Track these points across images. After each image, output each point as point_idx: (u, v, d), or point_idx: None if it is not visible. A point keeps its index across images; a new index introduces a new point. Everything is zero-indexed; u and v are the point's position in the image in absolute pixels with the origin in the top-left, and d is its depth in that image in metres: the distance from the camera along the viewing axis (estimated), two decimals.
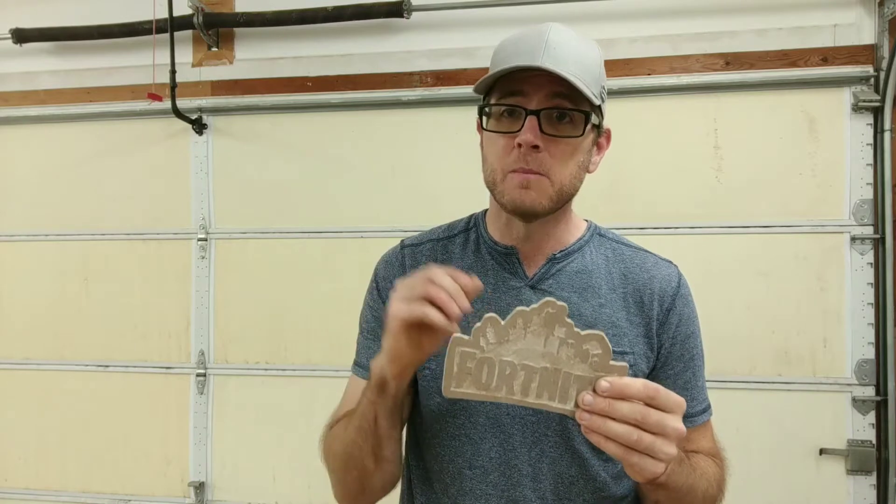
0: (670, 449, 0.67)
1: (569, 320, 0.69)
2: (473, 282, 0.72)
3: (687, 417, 0.89)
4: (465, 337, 0.70)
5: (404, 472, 0.98)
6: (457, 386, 0.71)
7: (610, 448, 0.67)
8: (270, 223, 2.24)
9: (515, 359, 0.70)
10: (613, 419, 0.66)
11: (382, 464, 0.87)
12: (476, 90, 0.88)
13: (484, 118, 0.88)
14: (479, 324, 0.70)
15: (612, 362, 0.68)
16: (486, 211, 1.00)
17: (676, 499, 0.79)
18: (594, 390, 0.68)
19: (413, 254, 0.99)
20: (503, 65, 0.82)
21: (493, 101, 0.87)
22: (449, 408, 0.90)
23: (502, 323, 0.70)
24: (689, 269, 0.98)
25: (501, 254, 0.94)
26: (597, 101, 0.83)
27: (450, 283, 0.70)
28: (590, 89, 0.82)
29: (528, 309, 0.69)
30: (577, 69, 0.81)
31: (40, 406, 2.34)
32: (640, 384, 0.67)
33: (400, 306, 0.71)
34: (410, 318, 0.70)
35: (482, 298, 0.90)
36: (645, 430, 0.66)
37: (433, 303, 0.69)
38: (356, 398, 0.87)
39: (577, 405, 0.69)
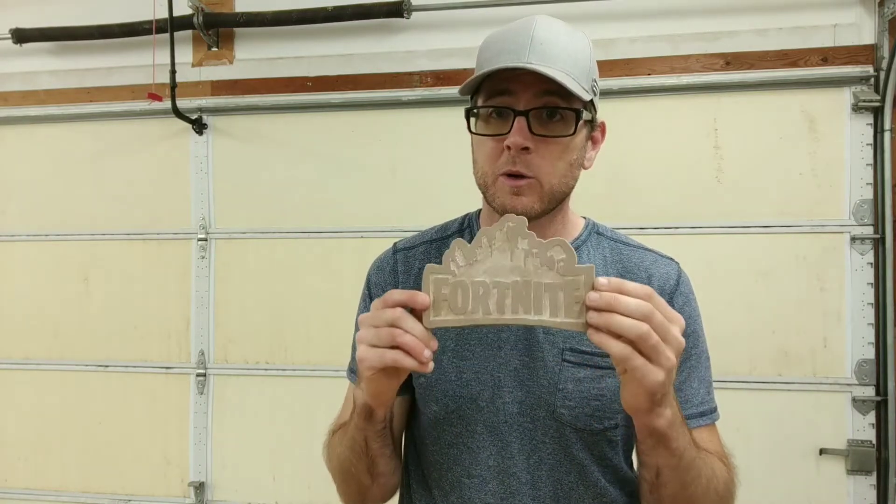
0: (671, 355, 0.65)
1: (530, 231, 0.70)
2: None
3: None
4: (437, 265, 0.71)
5: (403, 478, 0.97)
6: (435, 315, 0.70)
7: (614, 347, 0.64)
8: (270, 223, 2.24)
9: (486, 277, 0.70)
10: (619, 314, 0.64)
11: (379, 478, 0.90)
12: (462, 92, 0.85)
13: (472, 120, 0.85)
14: (447, 250, 0.71)
15: (577, 265, 0.68)
16: (480, 210, 0.98)
17: (678, 469, 0.76)
18: (593, 287, 0.66)
19: (406, 258, 0.97)
20: (488, 65, 0.80)
21: (479, 102, 0.84)
22: (446, 416, 0.88)
23: (469, 245, 0.71)
24: (689, 269, 0.96)
25: None
26: (587, 97, 0.80)
27: (414, 326, 0.69)
28: (580, 84, 0.79)
29: (490, 227, 0.71)
30: (566, 65, 0.78)
31: (40, 406, 2.34)
32: (636, 284, 0.65)
33: (369, 354, 0.70)
34: (382, 366, 0.70)
35: None
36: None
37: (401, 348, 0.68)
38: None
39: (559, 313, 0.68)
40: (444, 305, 0.70)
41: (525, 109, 0.79)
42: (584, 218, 0.97)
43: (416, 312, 0.70)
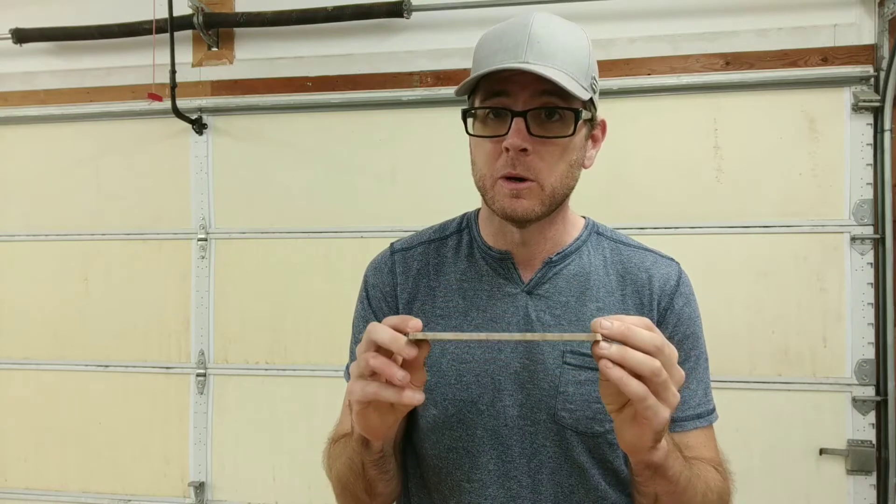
0: (676, 391, 0.64)
1: None
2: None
3: (675, 422, 0.86)
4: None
5: (402, 481, 0.95)
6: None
7: (634, 387, 0.61)
8: (270, 223, 2.24)
9: None
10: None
11: (378, 497, 0.87)
12: (458, 93, 0.83)
13: (469, 121, 0.84)
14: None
15: None
16: (478, 210, 0.96)
17: (675, 493, 0.75)
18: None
19: (404, 259, 0.95)
20: (485, 63, 0.78)
21: (476, 103, 0.82)
22: (446, 420, 0.87)
23: None
24: (690, 269, 0.96)
25: (496, 259, 0.90)
26: (586, 96, 0.78)
27: (389, 336, 0.63)
28: (578, 83, 0.77)
29: None
30: (565, 63, 0.77)
31: (40, 406, 2.34)
32: (635, 317, 0.64)
33: (354, 387, 0.67)
34: (364, 399, 0.66)
35: (477, 306, 0.88)
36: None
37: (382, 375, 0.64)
38: None
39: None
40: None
41: (523, 110, 0.78)
42: (584, 218, 0.96)
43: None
